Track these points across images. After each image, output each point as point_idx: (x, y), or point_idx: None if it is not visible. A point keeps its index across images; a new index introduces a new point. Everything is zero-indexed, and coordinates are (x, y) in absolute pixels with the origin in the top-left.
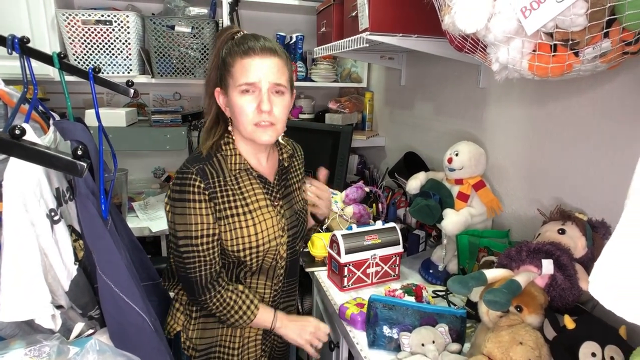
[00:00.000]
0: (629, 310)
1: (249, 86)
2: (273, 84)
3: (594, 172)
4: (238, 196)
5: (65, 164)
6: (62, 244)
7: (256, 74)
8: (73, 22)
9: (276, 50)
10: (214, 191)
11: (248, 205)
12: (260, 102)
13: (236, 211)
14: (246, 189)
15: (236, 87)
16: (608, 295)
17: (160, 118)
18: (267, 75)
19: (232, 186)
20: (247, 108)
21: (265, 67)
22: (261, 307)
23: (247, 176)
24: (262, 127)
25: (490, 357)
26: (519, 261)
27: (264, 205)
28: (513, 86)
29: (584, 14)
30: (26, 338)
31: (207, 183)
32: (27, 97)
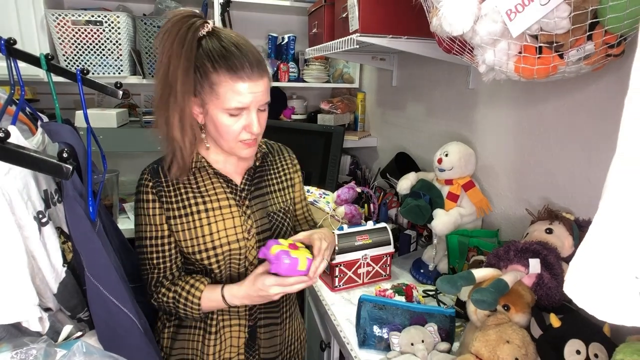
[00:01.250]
0: (599, 308)
1: (237, 110)
2: (261, 104)
3: (580, 172)
4: (194, 194)
5: (50, 167)
6: (50, 247)
7: (248, 99)
8: (63, 22)
9: (263, 65)
10: (161, 189)
11: (205, 203)
12: (250, 124)
13: (190, 210)
14: (205, 188)
15: (222, 108)
16: (581, 294)
17: (152, 119)
18: (258, 98)
19: (187, 184)
20: (234, 128)
21: (257, 91)
22: (206, 290)
23: (206, 174)
24: (247, 144)
25: (478, 356)
26: (506, 260)
27: (226, 205)
28: (502, 87)
29: (567, 17)
30: (13, 341)
31: (157, 181)
32: (14, 99)
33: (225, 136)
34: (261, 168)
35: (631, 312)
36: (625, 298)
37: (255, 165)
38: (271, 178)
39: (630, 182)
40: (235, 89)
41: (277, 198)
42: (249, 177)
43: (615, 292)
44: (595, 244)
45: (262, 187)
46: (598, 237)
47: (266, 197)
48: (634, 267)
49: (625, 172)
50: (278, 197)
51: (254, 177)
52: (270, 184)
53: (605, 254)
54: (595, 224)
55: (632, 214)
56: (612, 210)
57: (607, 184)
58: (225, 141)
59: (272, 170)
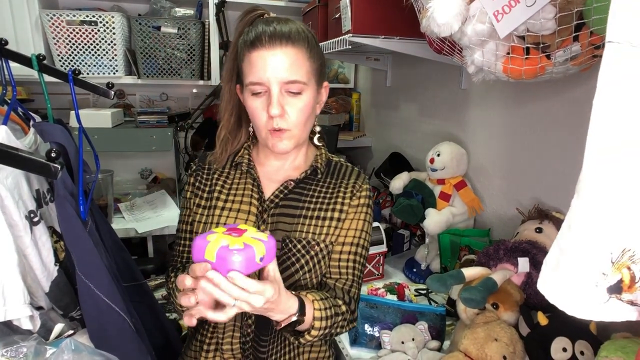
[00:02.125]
0: (569, 304)
1: (257, 86)
2: (284, 82)
3: (569, 171)
4: (222, 188)
5: (38, 166)
6: (42, 246)
7: (262, 71)
8: (57, 22)
9: (290, 36)
10: (199, 174)
11: (227, 202)
12: (269, 104)
13: (213, 203)
14: (236, 186)
15: (246, 86)
16: (551, 290)
17: (147, 119)
18: (276, 72)
19: (220, 176)
20: (260, 112)
21: (274, 62)
22: None
23: (241, 172)
24: (275, 134)
25: (467, 354)
26: (496, 259)
27: (245, 211)
28: (493, 88)
29: (553, 18)
30: (3, 339)
31: (199, 166)
32: (5, 99)
33: (255, 122)
34: (305, 184)
35: (598, 308)
36: (593, 294)
37: (297, 179)
38: (312, 200)
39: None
40: (250, 60)
41: (308, 226)
42: (284, 190)
43: (583, 288)
44: (565, 241)
45: (296, 206)
46: (568, 235)
47: (295, 219)
48: (602, 264)
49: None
50: (309, 226)
51: (291, 190)
52: (307, 206)
53: (574, 250)
54: (567, 221)
55: (604, 208)
56: (584, 206)
57: (581, 180)
58: (257, 130)
59: (319, 191)
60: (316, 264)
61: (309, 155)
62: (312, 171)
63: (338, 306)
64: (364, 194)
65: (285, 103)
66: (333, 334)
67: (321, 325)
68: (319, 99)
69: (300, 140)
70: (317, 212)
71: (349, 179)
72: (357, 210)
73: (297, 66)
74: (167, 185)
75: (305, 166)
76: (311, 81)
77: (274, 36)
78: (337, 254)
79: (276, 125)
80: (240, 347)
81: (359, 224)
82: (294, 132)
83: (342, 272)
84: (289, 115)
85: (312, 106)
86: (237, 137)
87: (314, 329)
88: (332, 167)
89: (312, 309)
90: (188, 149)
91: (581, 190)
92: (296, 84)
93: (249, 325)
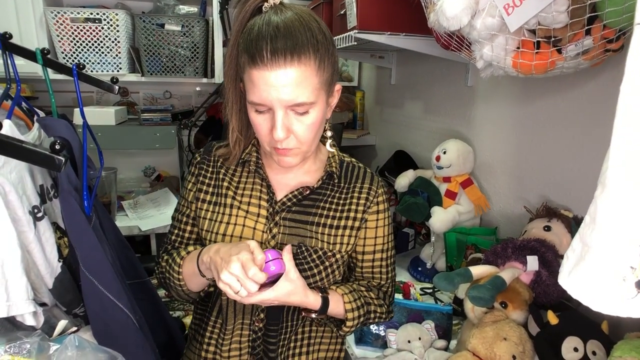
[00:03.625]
0: (593, 299)
1: (259, 106)
2: (290, 105)
3: (579, 169)
4: (229, 185)
5: (42, 158)
6: (46, 242)
7: (265, 93)
8: (62, 20)
9: (295, 49)
10: (203, 167)
11: (235, 199)
12: (273, 126)
13: (219, 200)
14: (244, 185)
15: (248, 102)
16: (574, 285)
17: (150, 116)
18: (280, 94)
19: (227, 173)
20: (262, 128)
21: (277, 83)
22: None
23: (250, 171)
24: (280, 152)
25: (475, 353)
26: (504, 258)
27: (254, 212)
28: (500, 84)
29: (565, 11)
30: (6, 335)
31: (204, 158)
32: (10, 94)
33: (258, 136)
34: (320, 190)
35: (626, 303)
36: (620, 289)
37: (313, 188)
38: (325, 207)
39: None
40: (251, 78)
41: (322, 235)
42: (299, 195)
43: (610, 283)
44: (589, 234)
45: (310, 212)
46: (592, 228)
47: (309, 226)
48: (630, 257)
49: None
50: (323, 234)
51: (305, 197)
52: (321, 213)
53: (599, 244)
54: (589, 214)
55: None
56: (610, 198)
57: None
58: (261, 142)
59: (332, 197)
60: (330, 273)
61: (320, 157)
62: (328, 176)
63: (371, 298)
64: (380, 199)
65: (291, 123)
66: (370, 322)
67: (354, 316)
68: (330, 102)
69: (308, 153)
70: (332, 220)
71: (363, 182)
72: (377, 218)
73: (303, 87)
74: (170, 183)
75: (317, 168)
76: (320, 96)
77: (276, 52)
78: (369, 262)
79: (281, 146)
80: (249, 346)
81: (384, 229)
82: (302, 148)
83: (376, 276)
84: (296, 135)
85: (322, 119)
86: (249, 135)
87: (348, 320)
88: (345, 168)
89: (342, 302)
90: (191, 147)
91: (607, 182)
92: (302, 105)
93: (261, 320)
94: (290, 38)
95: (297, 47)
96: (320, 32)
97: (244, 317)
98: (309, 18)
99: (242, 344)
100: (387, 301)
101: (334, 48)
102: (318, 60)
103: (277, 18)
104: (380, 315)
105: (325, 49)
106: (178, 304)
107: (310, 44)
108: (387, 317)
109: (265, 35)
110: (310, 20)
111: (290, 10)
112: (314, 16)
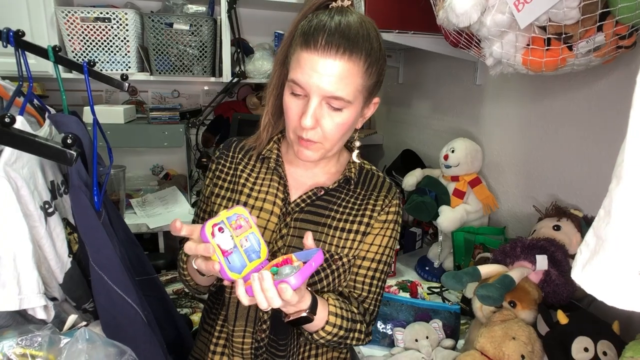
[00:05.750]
0: (609, 294)
1: (298, 87)
2: (328, 96)
3: (589, 168)
4: (246, 182)
5: (54, 152)
6: (56, 237)
7: (307, 76)
8: (72, 19)
9: (349, 44)
10: (221, 161)
11: (249, 197)
12: (304, 112)
13: (234, 196)
14: (261, 182)
15: (288, 80)
16: (589, 280)
17: (159, 115)
18: (322, 82)
19: (245, 168)
20: (293, 113)
21: (322, 70)
22: None
23: (269, 169)
24: (303, 142)
25: (483, 352)
26: (513, 257)
27: (268, 210)
28: (509, 83)
29: (576, 7)
30: (18, 328)
31: (223, 153)
32: (22, 91)
33: (286, 119)
34: (334, 191)
35: None
36: (635, 282)
37: (328, 188)
38: (338, 210)
39: None
40: (299, 58)
41: (332, 238)
42: (312, 196)
43: (626, 277)
44: (603, 228)
45: (322, 214)
46: (607, 221)
47: (319, 227)
48: None
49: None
50: (333, 237)
51: (319, 197)
52: (333, 215)
53: (615, 237)
54: (604, 208)
55: None
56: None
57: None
58: (287, 127)
59: (347, 201)
60: (336, 277)
61: (342, 160)
62: (345, 180)
63: (353, 312)
64: (392, 209)
65: (322, 116)
66: (348, 341)
67: (336, 322)
68: (365, 112)
69: (329, 153)
70: (343, 223)
71: (380, 191)
72: (383, 226)
73: (346, 83)
74: (178, 182)
75: (336, 171)
76: (358, 99)
77: (331, 41)
78: (356, 267)
79: (305, 135)
80: (252, 353)
81: (384, 240)
82: (325, 145)
83: (358, 286)
84: (323, 129)
85: (352, 123)
86: (279, 123)
87: (328, 324)
88: (364, 175)
89: (326, 305)
90: (199, 145)
91: (622, 175)
92: (339, 100)
93: (263, 331)
94: (348, 35)
95: (351, 44)
96: (376, 41)
97: (246, 324)
98: (370, 26)
99: (244, 352)
100: (367, 318)
101: (384, 62)
102: (367, 64)
103: (341, 16)
104: (358, 336)
105: (376, 58)
106: (185, 301)
107: (364, 46)
108: (365, 340)
109: (326, 25)
110: (370, 28)
111: (355, 14)
112: (375, 27)
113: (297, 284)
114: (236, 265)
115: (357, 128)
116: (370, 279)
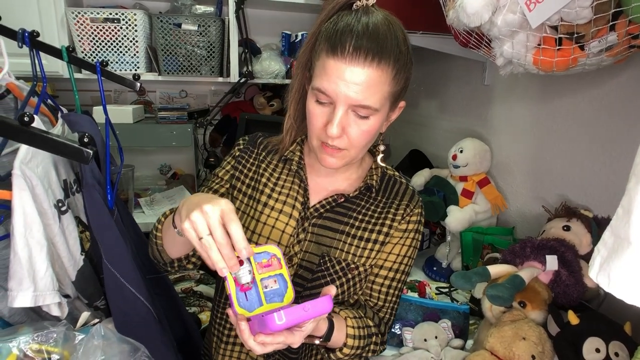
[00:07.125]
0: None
1: (323, 96)
2: (354, 105)
3: (599, 168)
4: (267, 182)
5: (71, 151)
6: (69, 235)
7: (334, 84)
8: (82, 20)
9: (378, 51)
10: (245, 155)
11: (270, 197)
12: (330, 121)
13: (254, 193)
14: (282, 183)
15: (311, 87)
16: (608, 278)
17: (167, 115)
18: (349, 91)
19: (268, 168)
20: (317, 120)
21: (349, 79)
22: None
23: (291, 171)
24: (327, 149)
25: (493, 352)
26: (522, 257)
27: (287, 213)
28: (518, 83)
29: (589, 6)
30: (33, 324)
31: (247, 147)
32: (36, 91)
33: (309, 126)
34: (355, 198)
35: None
36: None
37: (348, 196)
38: (357, 217)
39: None
40: (325, 65)
41: (349, 246)
42: (332, 202)
43: None
44: (623, 226)
45: (341, 221)
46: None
47: (337, 235)
48: None
49: None
50: (350, 245)
51: (339, 204)
52: (352, 223)
53: (636, 235)
54: (622, 207)
55: None
56: None
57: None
58: (309, 133)
59: (367, 209)
60: (351, 287)
61: (364, 166)
62: (366, 188)
63: (369, 327)
64: (414, 218)
65: (348, 124)
66: (364, 354)
67: (354, 344)
68: (390, 117)
69: (354, 160)
70: (362, 232)
71: (402, 199)
72: (403, 235)
73: (373, 91)
74: (185, 181)
75: (357, 177)
76: (385, 106)
77: (359, 50)
78: (373, 276)
79: (331, 143)
80: (264, 355)
81: (403, 249)
82: (350, 152)
83: (374, 295)
84: (349, 137)
85: (378, 129)
86: (302, 126)
87: (346, 347)
88: (386, 182)
89: (344, 327)
90: (207, 145)
91: None
92: (366, 109)
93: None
94: (376, 40)
95: (380, 51)
96: (404, 44)
97: None
98: (397, 27)
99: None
100: (382, 329)
101: (411, 64)
102: (396, 70)
103: (368, 18)
104: (374, 348)
105: (404, 62)
106: (194, 299)
107: (393, 52)
108: (379, 349)
109: (353, 30)
110: (397, 29)
111: (381, 14)
112: (402, 28)
113: (279, 328)
114: (247, 303)
115: (382, 132)
116: (387, 288)
